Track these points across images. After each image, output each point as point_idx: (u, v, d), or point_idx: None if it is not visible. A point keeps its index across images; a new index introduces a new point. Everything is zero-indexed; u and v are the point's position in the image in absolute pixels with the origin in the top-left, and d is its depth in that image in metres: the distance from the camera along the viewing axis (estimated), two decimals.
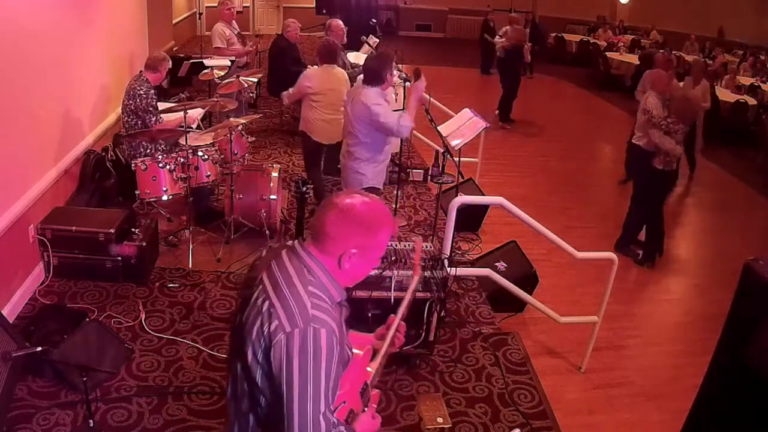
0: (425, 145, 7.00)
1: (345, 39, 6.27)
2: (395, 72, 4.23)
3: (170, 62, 4.95)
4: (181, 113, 4.50)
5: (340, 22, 6.25)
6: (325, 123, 5.06)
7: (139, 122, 4.64)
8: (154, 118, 4.63)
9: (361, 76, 4.08)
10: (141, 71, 4.79)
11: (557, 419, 3.39)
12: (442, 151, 4.68)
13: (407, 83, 5.15)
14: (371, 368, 1.86)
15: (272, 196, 4.73)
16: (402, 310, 2.01)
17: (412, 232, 5.43)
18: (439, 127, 4.86)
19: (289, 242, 1.71)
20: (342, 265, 1.62)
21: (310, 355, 1.50)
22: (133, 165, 4.36)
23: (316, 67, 5.20)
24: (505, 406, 3.42)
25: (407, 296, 2.09)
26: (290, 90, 5.24)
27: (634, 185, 5.55)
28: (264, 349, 1.55)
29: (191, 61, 7.60)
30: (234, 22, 7.14)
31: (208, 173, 4.59)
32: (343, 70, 5.27)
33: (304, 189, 3.44)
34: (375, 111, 3.85)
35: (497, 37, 9.14)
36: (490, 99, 10.00)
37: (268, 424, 1.64)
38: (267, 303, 1.57)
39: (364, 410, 1.79)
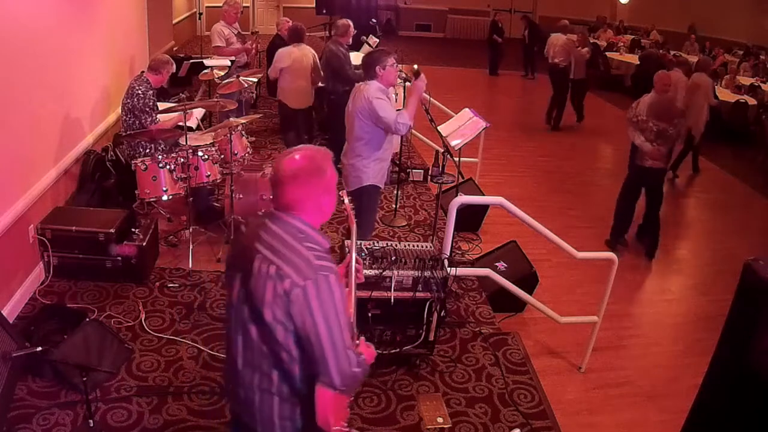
0: (425, 145, 7.01)
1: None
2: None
3: (174, 66, 4.93)
4: (179, 114, 4.50)
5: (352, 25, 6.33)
6: (292, 90, 6.13)
7: (137, 122, 4.64)
8: (150, 119, 4.63)
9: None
10: (143, 71, 4.79)
11: (557, 419, 3.39)
12: (442, 151, 4.68)
13: (407, 83, 5.16)
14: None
15: (272, 196, 4.72)
16: (353, 248, 2.26)
17: (412, 232, 5.43)
18: (439, 127, 4.86)
19: (267, 212, 1.87)
20: (323, 210, 1.84)
21: (326, 300, 1.69)
22: (133, 165, 4.36)
23: (288, 47, 6.14)
24: (505, 406, 3.42)
25: (352, 237, 2.35)
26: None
27: None
28: (283, 308, 1.70)
29: (191, 61, 7.60)
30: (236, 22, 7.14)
31: (208, 173, 4.59)
32: (308, 47, 6.20)
33: None
34: (375, 105, 3.84)
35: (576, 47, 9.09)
36: (495, 99, 10.03)
37: (292, 375, 1.79)
38: (273, 267, 1.71)
39: (356, 341, 1.99)
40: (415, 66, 4.16)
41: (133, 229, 4.22)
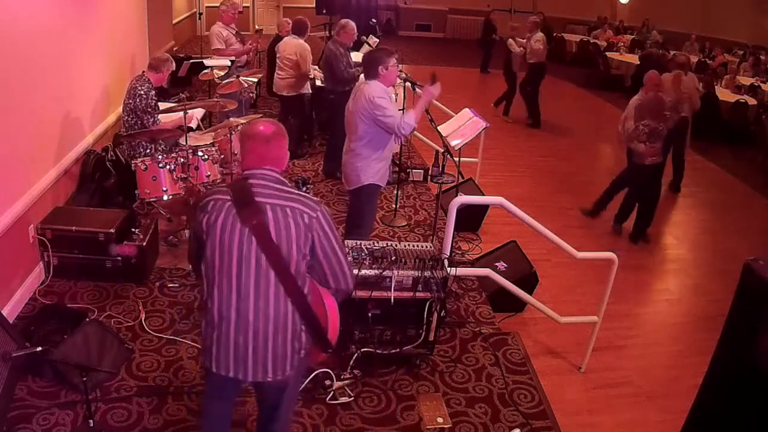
0: (425, 145, 7.00)
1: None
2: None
3: (173, 64, 4.93)
4: (180, 115, 4.49)
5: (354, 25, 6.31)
6: (276, 76, 6.63)
7: (139, 122, 4.64)
8: (152, 119, 4.63)
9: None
10: (143, 71, 4.79)
11: (557, 419, 3.39)
12: (442, 151, 4.68)
13: (407, 83, 5.16)
14: None
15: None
16: None
17: (412, 232, 5.43)
18: (439, 127, 4.85)
19: (244, 175, 2.22)
20: (284, 165, 2.29)
21: (331, 223, 2.22)
22: (133, 165, 4.36)
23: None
24: (505, 406, 3.42)
25: None
26: None
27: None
28: (305, 239, 2.13)
29: (191, 61, 7.60)
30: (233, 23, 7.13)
31: (208, 173, 4.59)
32: (302, 41, 6.45)
33: (304, 189, 3.44)
34: (377, 104, 3.80)
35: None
36: (492, 98, 10.01)
37: (305, 305, 2.18)
38: (287, 209, 2.12)
39: None
40: (434, 74, 4.15)
41: (133, 229, 4.22)
